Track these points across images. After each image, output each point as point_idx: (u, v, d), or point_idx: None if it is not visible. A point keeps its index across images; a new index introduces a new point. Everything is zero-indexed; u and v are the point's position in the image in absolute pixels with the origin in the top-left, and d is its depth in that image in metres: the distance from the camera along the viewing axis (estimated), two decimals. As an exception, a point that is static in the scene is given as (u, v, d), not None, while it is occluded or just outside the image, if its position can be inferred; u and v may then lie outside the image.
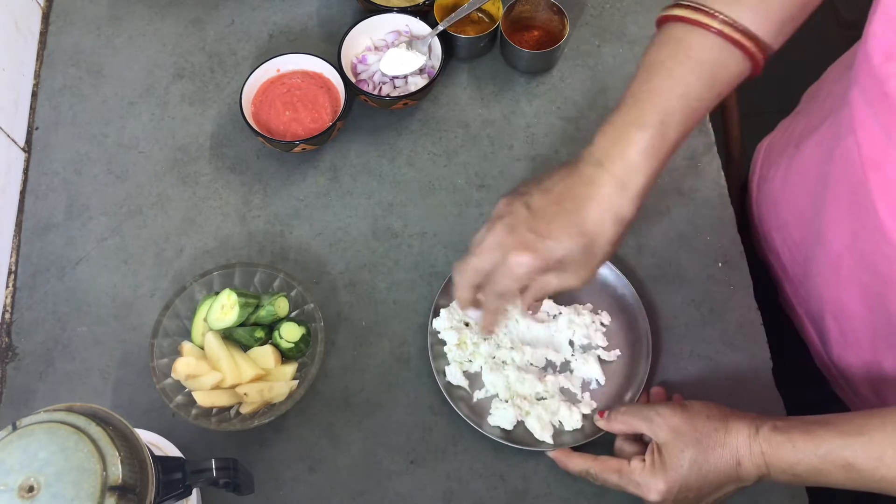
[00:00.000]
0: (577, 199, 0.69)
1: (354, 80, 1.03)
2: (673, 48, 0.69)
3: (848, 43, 0.79)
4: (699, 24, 0.68)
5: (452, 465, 0.86)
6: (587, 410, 0.86)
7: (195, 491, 0.78)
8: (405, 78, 1.03)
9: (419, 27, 1.04)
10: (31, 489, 0.55)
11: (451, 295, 0.89)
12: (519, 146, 1.02)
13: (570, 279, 0.71)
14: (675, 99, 0.68)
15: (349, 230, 0.97)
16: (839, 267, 0.78)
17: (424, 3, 1.05)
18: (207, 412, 0.84)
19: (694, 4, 0.69)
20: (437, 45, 1.03)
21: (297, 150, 0.98)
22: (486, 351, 0.88)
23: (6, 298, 0.94)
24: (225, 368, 0.84)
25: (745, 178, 1.05)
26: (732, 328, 0.92)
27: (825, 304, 0.84)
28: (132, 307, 0.93)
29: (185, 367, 0.84)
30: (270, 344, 0.87)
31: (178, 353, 0.86)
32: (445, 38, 1.03)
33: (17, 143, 1.01)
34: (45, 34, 1.10)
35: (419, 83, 1.03)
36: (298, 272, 0.94)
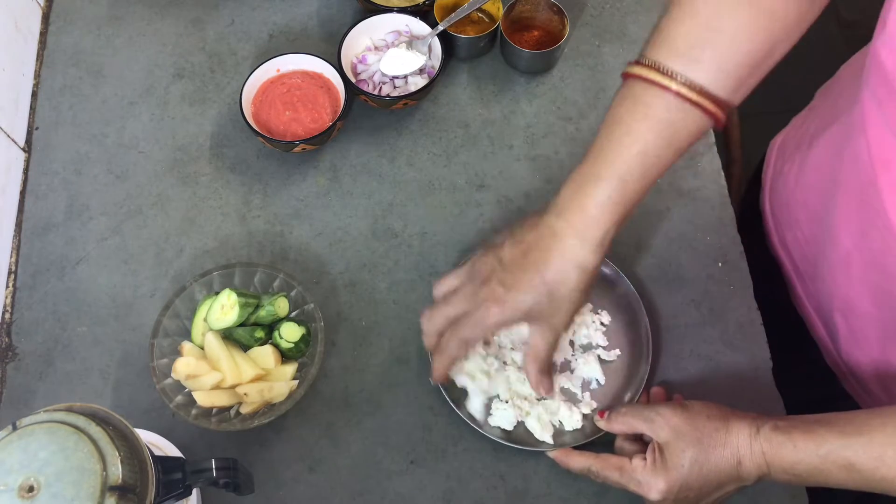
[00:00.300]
0: (541, 250, 0.72)
1: (354, 80, 1.03)
2: (631, 105, 0.71)
3: (848, 43, 0.79)
4: (657, 84, 0.69)
5: (452, 465, 0.86)
6: (587, 410, 0.86)
7: (195, 491, 0.78)
8: (405, 78, 1.03)
9: (419, 27, 1.04)
10: (31, 489, 0.55)
11: None
12: (519, 146, 1.02)
13: (545, 331, 0.75)
14: (633, 156, 0.70)
15: (349, 230, 0.97)
16: (849, 265, 0.78)
17: (424, 3, 1.05)
18: (207, 412, 0.84)
19: (652, 64, 0.70)
20: (437, 45, 1.03)
21: (297, 150, 0.98)
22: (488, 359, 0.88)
23: (6, 298, 0.94)
24: (225, 368, 0.84)
25: (749, 177, 1.05)
26: (732, 328, 0.92)
27: (834, 301, 0.84)
28: (132, 307, 0.93)
29: (185, 367, 0.84)
30: (270, 344, 0.87)
31: (178, 353, 0.86)
32: (445, 38, 1.03)
33: (17, 143, 1.01)
34: (45, 34, 1.10)
35: (419, 83, 1.03)
36: (298, 272, 0.94)
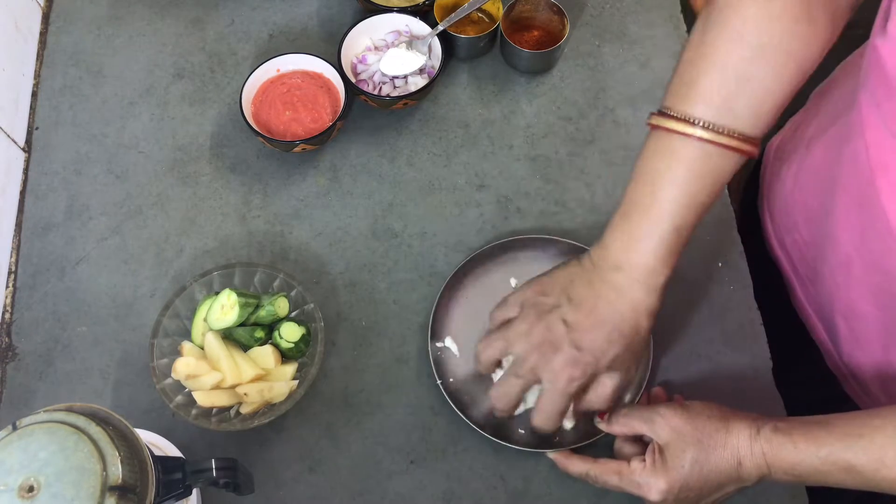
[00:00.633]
0: (610, 305, 0.73)
1: (354, 80, 1.03)
2: (670, 160, 0.71)
3: (849, 42, 0.79)
4: (695, 137, 0.69)
5: (452, 465, 0.86)
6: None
7: (195, 491, 0.78)
8: (405, 78, 1.03)
9: (419, 27, 1.04)
10: (31, 489, 0.55)
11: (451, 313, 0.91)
12: (519, 146, 1.02)
13: (622, 377, 0.75)
14: (684, 208, 0.71)
15: (349, 230, 0.97)
16: (849, 267, 0.78)
17: (424, 3, 1.05)
18: (207, 412, 0.84)
19: (686, 118, 0.70)
20: (437, 45, 1.03)
21: (297, 150, 0.98)
22: None
23: (6, 298, 0.94)
24: (225, 368, 0.84)
25: (746, 178, 1.05)
26: (732, 328, 0.92)
27: (835, 304, 0.84)
28: (132, 307, 0.93)
29: (185, 367, 0.84)
30: (270, 344, 0.87)
31: (178, 353, 0.86)
32: (445, 38, 1.03)
33: (17, 143, 1.01)
34: (45, 34, 1.10)
35: (419, 83, 1.03)
36: (298, 272, 0.94)
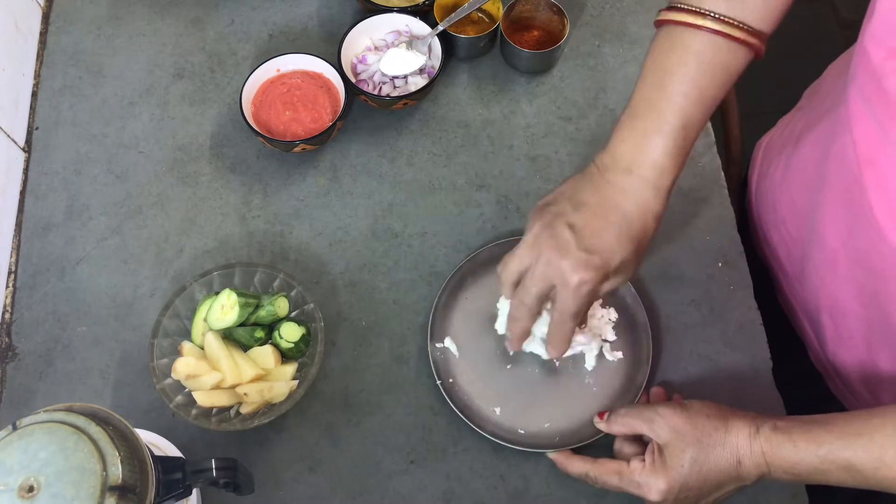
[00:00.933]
0: (618, 208, 0.72)
1: (354, 80, 1.03)
2: (681, 54, 0.71)
3: (848, 43, 0.79)
4: (705, 28, 0.70)
5: (452, 465, 0.86)
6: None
7: (195, 491, 0.78)
8: (405, 78, 1.03)
9: (419, 27, 1.04)
10: (31, 489, 0.55)
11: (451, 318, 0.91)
12: (519, 146, 1.02)
13: (622, 279, 0.75)
14: (693, 103, 0.71)
15: (349, 230, 0.97)
16: (835, 264, 0.78)
17: (424, 3, 1.05)
18: (207, 412, 0.84)
19: (696, 9, 0.70)
20: (437, 45, 1.03)
21: (297, 150, 0.98)
22: None
23: (6, 298, 0.94)
24: (225, 368, 0.84)
25: (743, 178, 1.05)
26: (732, 328, 0.92)
27: (821, 301, 0.84)
28: (132, 307, 0.93)
29: (185, 367, 0.84)
30: (270, 344, 0.87)
31: (178, 353, 0.86)
32: (445, 38, 1.03)
33: (17, 143, 1.01)
34: (45, 34, 1.10)
35: (419, 83, 1.03)
36: (298, 272, 0.94)
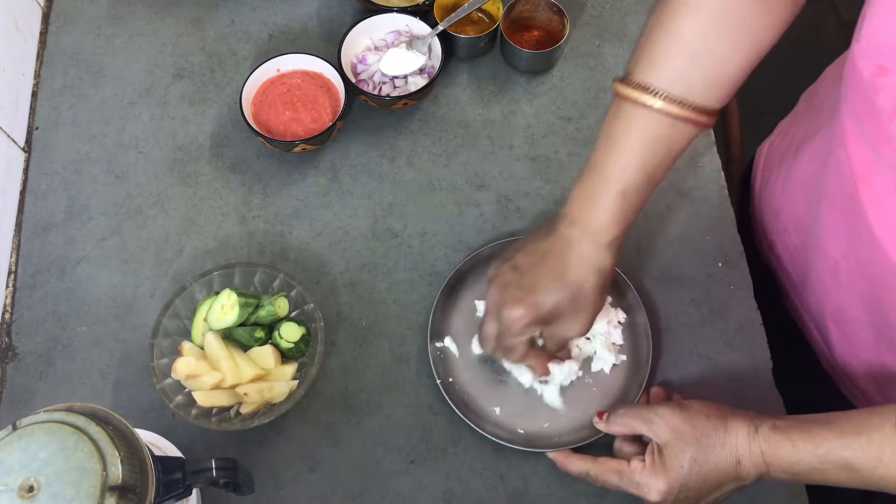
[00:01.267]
0: (557, 255, 0.75)
1: (354, 80, 1.03)
2: (625, 125, 0.73)
3: (848, 43, 0.79)
4: (649, 106, 0.71)
5: (452, 465, 0.86)
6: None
7: (195, 491, 0.78)
8: (405, 78, 1.03)
9: (419, 27, 1.04)
10: (31, 489, 0.55)
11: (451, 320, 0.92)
12: (519, 146, 1.02)
13: (567, 329, 0.77)
14: (632, 171, 0.73)
15: (349, 230, 0.97)
16: (837, 274, 0.78)
17: (424, 3, 1.05)
18: (207, 412, 0.84)
19: (642, 86, 0.71)
20: (437, 45, 1.03)
21: (297, 150, 0.98)
22: None
23: (6, 298, 0.94)
24: (225, 368, 0.84)
25: (742, 179, 1.05)
26: (732, 328, 0.92)
27: (825, 308, 0.84)
28: (132, 307, 0.93)
29: (185, 367, 0.84)
30: (270, 344, 0.87)
31: (178, 353, 0.86)
32: (445, 38, 1.03)
33: (17, 143, 1.01)
34: (45, 34, 1.10)
35: (419, 83, 1.03)
36: (298, 272, 0.94)
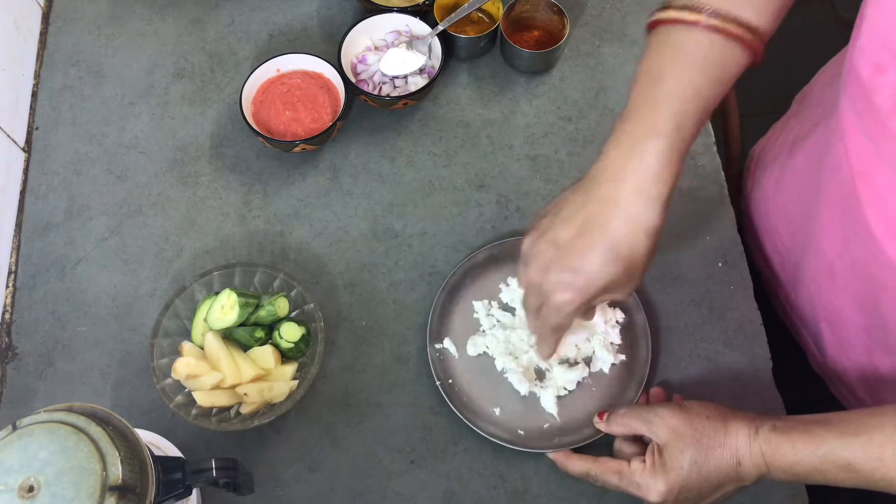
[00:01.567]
0: (601, 222, 0.67)
1: (354, 80, 1.03)
2: (673, 52, 0.67)
3: (847, 42, 0.79)
4: (693, 23, 0.66)
5: (452, 465, 0.86)
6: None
7: (195, 491, 0.78)
8: (405, 78, 1.03)
9: (419, 27, 1.04)
10: (31, 489, 0.55)
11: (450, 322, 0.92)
12: (519, 146, 1.02)
13: (619, 294, 0.71)
14: (687, 102, 0.66)
15: (349, 230, 0.97)
16: (832, 274, 0.78)
17: (424, 3, 1.05)
18: (207, 412, 0.84)
19: (689, 5, 0.66)
20: (437, 45, 1.03)
21: (297, 150, 0.98)
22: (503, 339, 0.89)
23: (6, 298, 0.94)
24: (225, 368, 0.84)
25: (736, 181, 1.05)
26: (732, 328, 0.92)
27: (818, 310, 0.83)
28: (132, 307, 0.93)
29: (185, 367, 0.84)
30: (270, 344, 0.87)
31: (178, 353, 0.86)
32: (445, 38, 1.03)
33: (17, 143, 1.01)
34: (45, 34, 1.10)
35: (419, 83, 1.03)
36: (298, 272, 0.94)
